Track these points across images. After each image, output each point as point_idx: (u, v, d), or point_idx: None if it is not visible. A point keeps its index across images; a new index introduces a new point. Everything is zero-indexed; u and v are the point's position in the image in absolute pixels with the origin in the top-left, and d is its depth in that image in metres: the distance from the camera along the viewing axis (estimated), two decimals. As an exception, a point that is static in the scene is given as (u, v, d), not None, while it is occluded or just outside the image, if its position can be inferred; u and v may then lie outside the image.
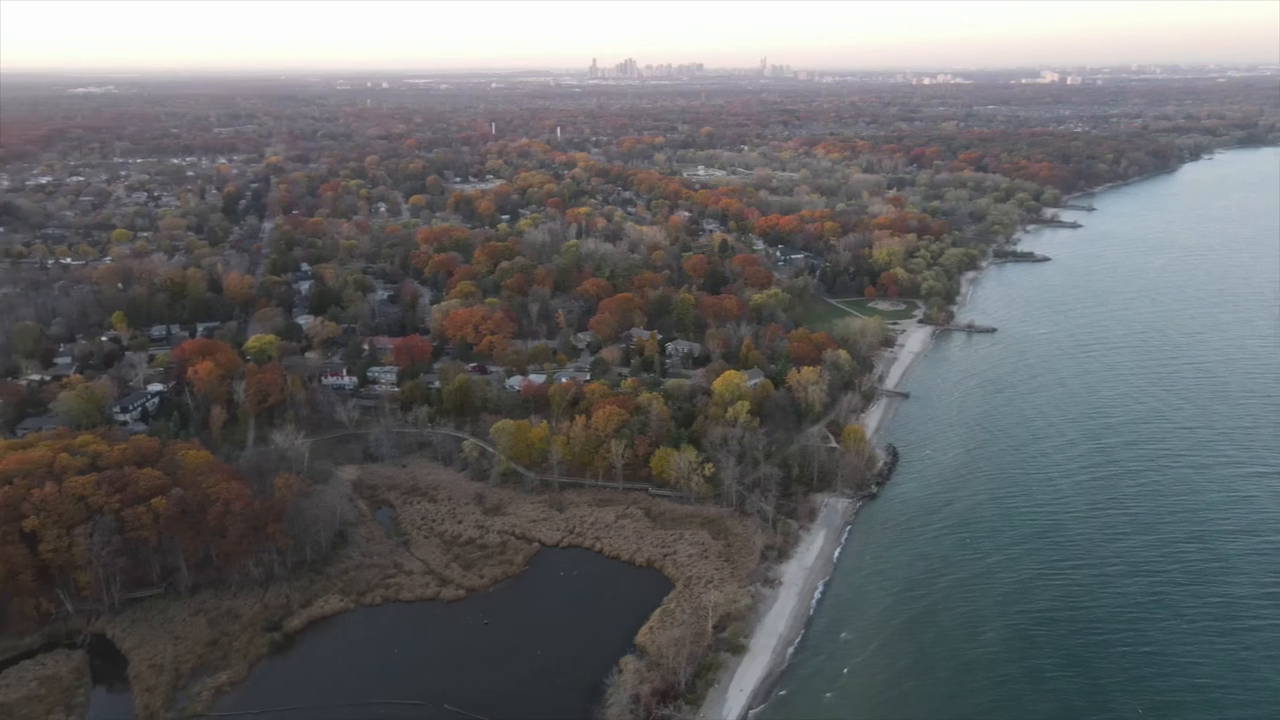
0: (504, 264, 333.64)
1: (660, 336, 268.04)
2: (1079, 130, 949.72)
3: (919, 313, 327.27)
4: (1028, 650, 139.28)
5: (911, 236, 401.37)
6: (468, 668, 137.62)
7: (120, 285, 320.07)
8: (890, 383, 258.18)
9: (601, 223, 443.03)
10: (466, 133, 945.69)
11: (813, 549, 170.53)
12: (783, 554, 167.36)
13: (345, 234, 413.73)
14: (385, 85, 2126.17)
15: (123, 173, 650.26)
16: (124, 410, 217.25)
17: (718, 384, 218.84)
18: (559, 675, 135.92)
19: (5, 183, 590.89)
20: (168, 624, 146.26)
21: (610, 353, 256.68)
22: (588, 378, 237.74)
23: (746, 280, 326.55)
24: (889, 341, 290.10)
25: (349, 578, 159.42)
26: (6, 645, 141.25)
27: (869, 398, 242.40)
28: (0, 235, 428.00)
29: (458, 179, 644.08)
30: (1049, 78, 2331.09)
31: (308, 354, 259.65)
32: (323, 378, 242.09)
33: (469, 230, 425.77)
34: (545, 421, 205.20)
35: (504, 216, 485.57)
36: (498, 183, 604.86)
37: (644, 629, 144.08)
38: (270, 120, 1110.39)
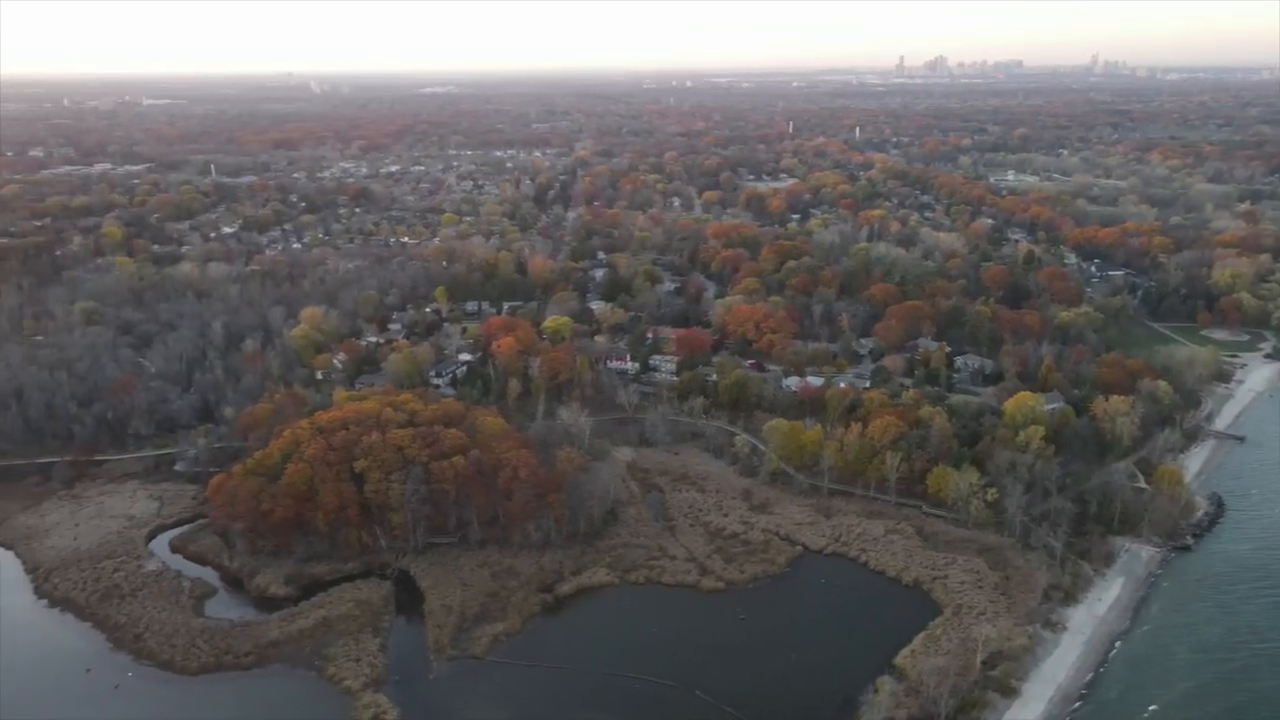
0: (790, 263, 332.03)
1: (949, 349, 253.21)
2: None
3: (1267, 346, 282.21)
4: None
5: (1265, 258, 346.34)
6: (720, 659, 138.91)
7: (445, 263, 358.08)
8: (1222, 423, 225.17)
9: (896, 226, 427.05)
10: (763, 131, 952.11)
11: (1106, 596, 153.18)
12: (1070, 597, 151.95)
13: (640, 226, 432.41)
14: (689, 84, 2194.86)
15: (455, 163, 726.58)
16: (438, 375, 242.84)
17: (1010, 405, 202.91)
18: (810, 682, 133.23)
19: (364, 170, 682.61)
20: (458, 571, 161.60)
21: (893, 361, 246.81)
22: (867, 385, 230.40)
23: (1053, 296, 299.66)
24: (1224, 376, 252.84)
25: (616, 554, 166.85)
26: (333, 568, 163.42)
27: (1192, 437, 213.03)
28: (356, 216, 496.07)
29: (751, 176, 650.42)
30: None
31: (597, 337, 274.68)
32: (608, 361, 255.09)
33: (758, 228, 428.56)
34: (819, 425, 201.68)
35: (794, 215, 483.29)
36: (791, 181, 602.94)
37: (905, 651, 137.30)
38: (582, 117, 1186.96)
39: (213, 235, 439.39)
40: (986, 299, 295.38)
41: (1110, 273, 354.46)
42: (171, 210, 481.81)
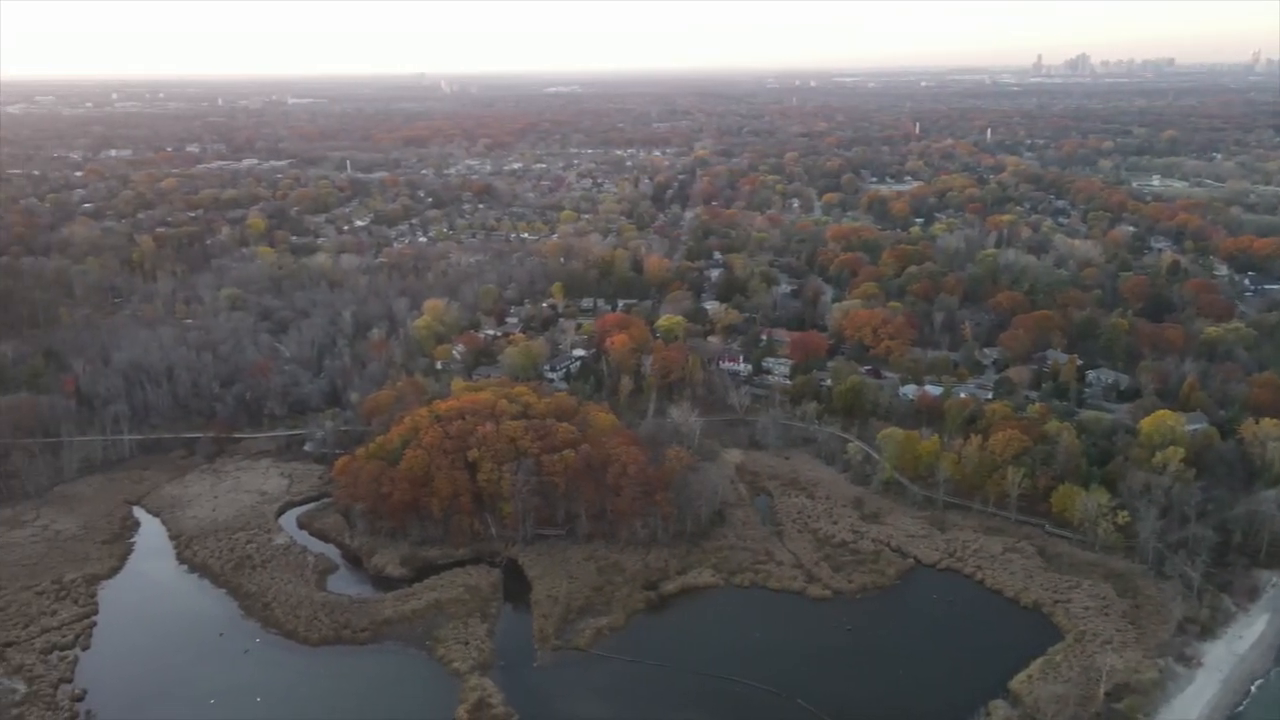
0: (912, 268, 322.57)
1: (1081, 362, 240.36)
2: None
3: None
4: None
5: None
6: (823, 669, 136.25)
7: (562, 259, 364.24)
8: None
9: (1026, 232, 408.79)
10: (889, 132, 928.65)
11: (1249, 634, 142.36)
12: (1207, 631, 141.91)
13: (757, 227, 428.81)
14: (813, 83, 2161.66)
15: (575, 161, 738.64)
16: (552, 369, 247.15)
17: (1146, 424, 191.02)
18: (918, 699, 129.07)
19: (488, 167, 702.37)
20: (565, 563, 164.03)
21: (1019, 373, 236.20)
22: (989, 396, 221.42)
23: (1199, 309, 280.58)
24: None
25: (722, 555, 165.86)
26: (445, 552, 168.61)
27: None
28: (479, 211, 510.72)
29: (874, 178, 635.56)
30: None
31: (710, 338, 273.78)
32: (720, 362, 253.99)
33: (879, 231, 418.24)
34: (937, 436, 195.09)
35: (917, 219, 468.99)
36: (915, 184, 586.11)
37: (1021, 675, 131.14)
38: (702, 116, 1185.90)
39: (346, 228, 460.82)
40: (1124, 311, 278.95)
41: (1267, 286, 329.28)
42: (309, 204, 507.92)
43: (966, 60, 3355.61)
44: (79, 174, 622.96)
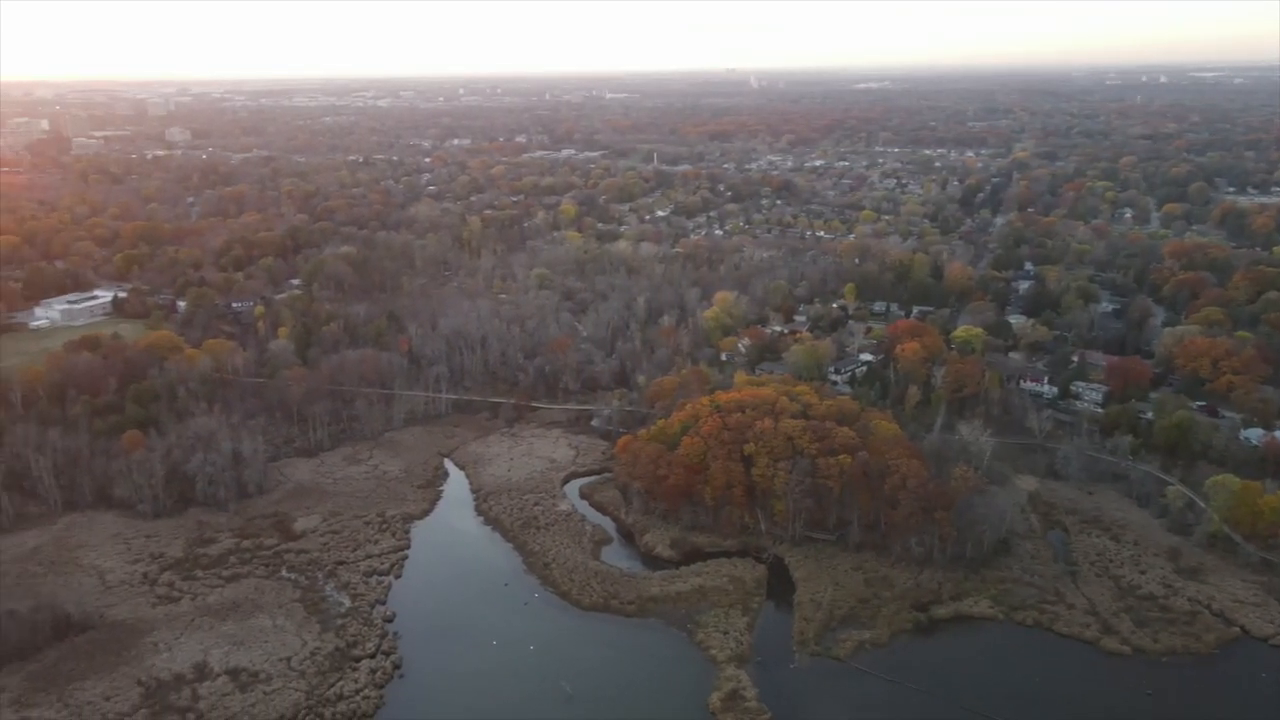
0: (1271, 294, 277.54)
1: None
2: None
3: None
4: None
5: None
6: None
7: (857, 260, 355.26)
8: None
9: None
10: (1255, 135, 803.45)
11: None
12: None
13: (1079, 237, 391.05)
14: (1162, 79, 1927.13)
15: (880, 160, 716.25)
16: (836, 371, 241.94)
17: None
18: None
19: (789, 163, 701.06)
20: (831, 570, 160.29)
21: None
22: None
23: None
24: None
25: (1003, 588, 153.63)
26: (714, 541, 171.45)
27: None
28: (776, 207, 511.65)
29: (1231, 188, 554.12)
30: None
31: (1011, 354, 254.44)
32: (1021, 381, 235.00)
33: (1231, 249, 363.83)
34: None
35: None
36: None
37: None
38: (1025, 115, 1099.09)
39: (647, 217, 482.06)
40: None
41: None
42: (616, 193, 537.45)
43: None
44: (427, 160, 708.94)
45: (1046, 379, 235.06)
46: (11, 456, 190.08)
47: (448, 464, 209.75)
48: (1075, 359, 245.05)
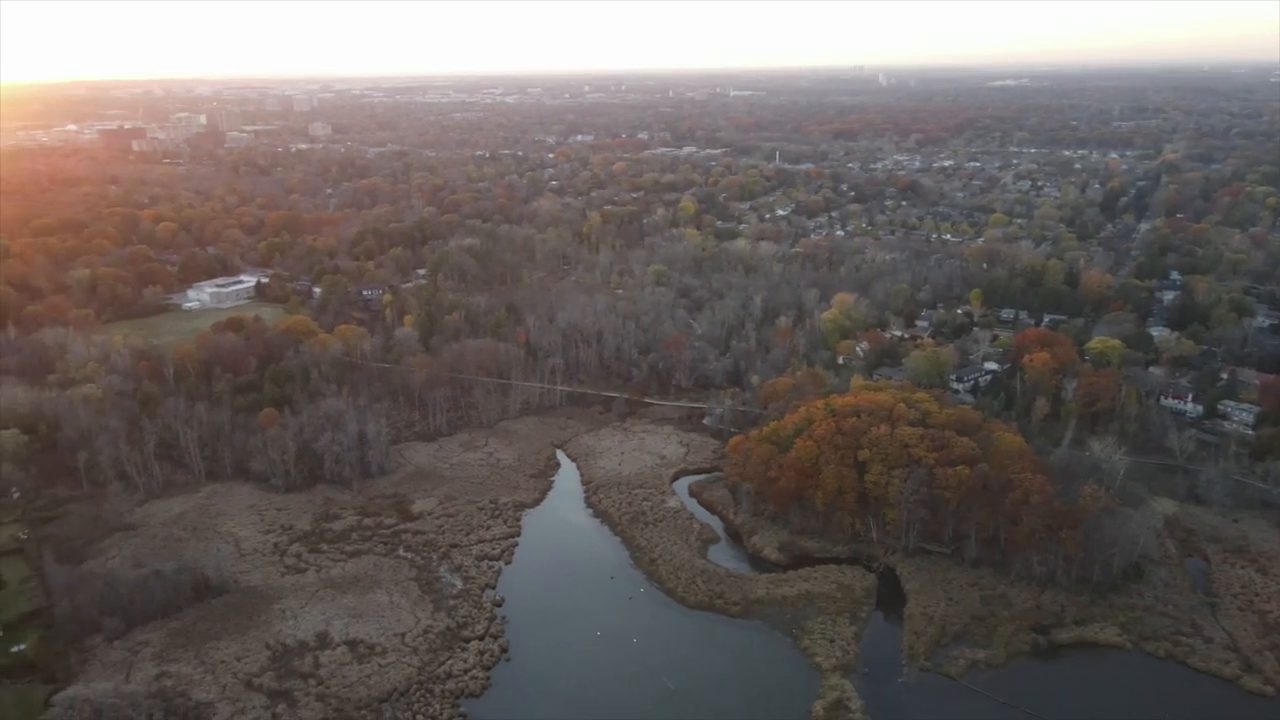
0: None
1: None
2: None
3: None
4: None
5: None
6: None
7: (985, 265, 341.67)
8: None
9: None
10: None
11: None
12: None
13: (1234, 246, 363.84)
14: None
15: (1014, 161, 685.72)
16: (958, 379, 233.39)
17: None
18: None
19: (916, 164, 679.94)
20: (945, 584, 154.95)
21: None
22: None
23: None
24: None
25: (1134, 615, 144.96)
26: (823, 546, 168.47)
27: None
28: (901, 208, 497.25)
29: None
30: None
31: (1151, 368, 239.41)
32: (1161, 397, 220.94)
33: None
34: None
35: None
36: None
37: None
38: (1178, 115, 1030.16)
39: (767, 216, 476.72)
40: None
41: None
42: (737, 191, 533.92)
43: None
44: (551, 155, 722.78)
45: (1191, 396, 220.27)
46: (163, 428, 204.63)
47: (560, 455, 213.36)
48: (1224, 376, 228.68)
